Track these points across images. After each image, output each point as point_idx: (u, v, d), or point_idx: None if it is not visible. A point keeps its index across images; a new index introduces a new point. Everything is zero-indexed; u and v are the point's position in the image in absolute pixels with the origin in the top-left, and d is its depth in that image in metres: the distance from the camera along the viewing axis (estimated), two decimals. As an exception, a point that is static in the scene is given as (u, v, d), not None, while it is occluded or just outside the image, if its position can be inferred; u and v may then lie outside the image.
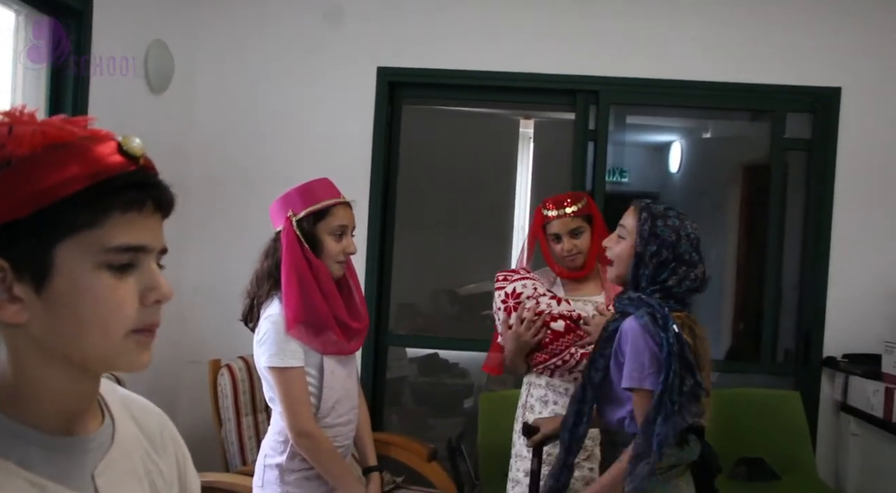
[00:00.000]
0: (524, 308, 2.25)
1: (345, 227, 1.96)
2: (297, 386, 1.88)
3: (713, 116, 4.71)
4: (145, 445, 0.87)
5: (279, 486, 1.94)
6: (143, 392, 3.30)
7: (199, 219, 3.40)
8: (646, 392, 1.75)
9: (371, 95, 3.41)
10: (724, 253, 4.82)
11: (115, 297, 0.74)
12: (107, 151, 0.74)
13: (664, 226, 1.83)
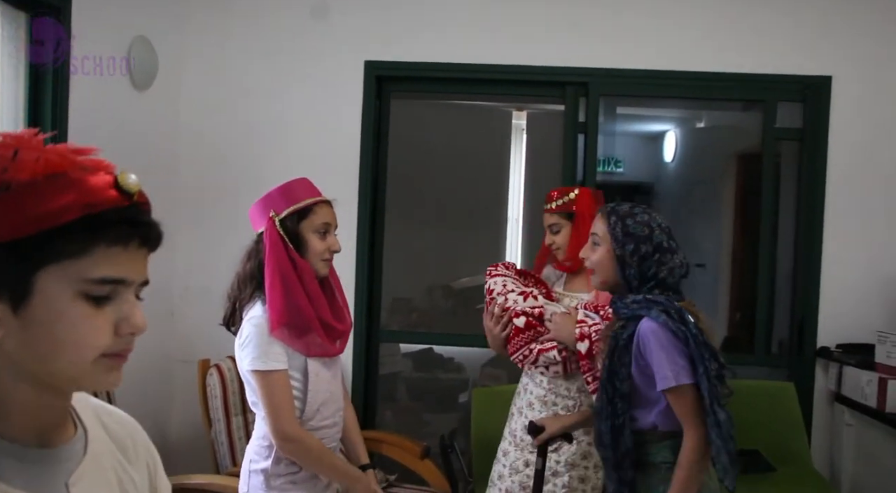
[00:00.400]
0: (494, 304, 2.36)
1: (328, 225, 1.95)
2: (280, 389, 1.86)
3: (707, 105, 4.68)
4: (117, 454, 0.89)
5: (265, 491, 1.92)
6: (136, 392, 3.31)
7: (188, 217, 3.38)
8: (685, 388, 1.75)
9: (359, 90, 3.38)
10: (719, 243, 4.80)
11: (90, 325, 0.76)
12: (103, 184, 0.77)
13: (634, 223, 1.87)
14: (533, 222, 4.21)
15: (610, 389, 1.85)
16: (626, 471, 1.85)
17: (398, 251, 3.80)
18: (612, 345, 1.86)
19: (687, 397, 1.77)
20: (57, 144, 0.79)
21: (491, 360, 4.03)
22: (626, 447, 1.84)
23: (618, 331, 1.86)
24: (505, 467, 2.44)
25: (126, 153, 2.93)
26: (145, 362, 3.19)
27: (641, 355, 1.80)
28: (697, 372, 1.76)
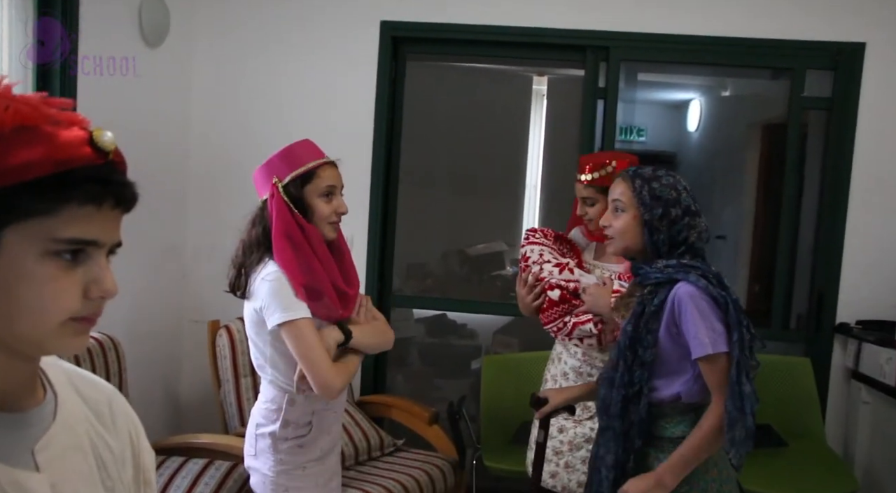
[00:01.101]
0: (529, 273, 2.31)
1: (333, 187, 1.90)
2: (312, 337, 1.80)
3: (733, 73, 4.55)
4: (92, 420, 0.86)
5: (272, 454, 1.91)
6: (147, 352, 3.34)
7: (199, 178, 3.37)
8: (720, 356, 1.70)
9: (374, 51, 3.32)
10: (741, 215, 4.71)
11: (57, 287, 0.73)
12: (76, 140, 0.73)
13: (661, 186, 1.80)
14: (552, 189, 4.15)
15: (630, 356, 1.80)
16: (632, 441, 1.81)
17: (414, 217, 3.77)
18: (639, 311, 1.80)
19: (721, 366, 1.71)
20: (28, 94, 0.74)
21: (503, 327, 4.01)
22: (637, 417, 1.80)
23: (646, 296, 1.80)
24: (563, 443, 2.39)
25: (137, 112, 2.94)
26: (158, 321, 3.21)
27: (675, 322, 1.75)
28: (732, 339, 1.71)
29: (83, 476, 0.81)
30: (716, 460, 1.82)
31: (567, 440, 2.36)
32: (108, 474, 0.85)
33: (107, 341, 2.55)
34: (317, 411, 1.93)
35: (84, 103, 2.57)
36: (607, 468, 1.84)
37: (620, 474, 1.81)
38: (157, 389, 3.22)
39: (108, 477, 0.85)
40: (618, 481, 1.82)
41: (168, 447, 2.68)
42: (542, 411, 2.11)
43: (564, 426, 2.37)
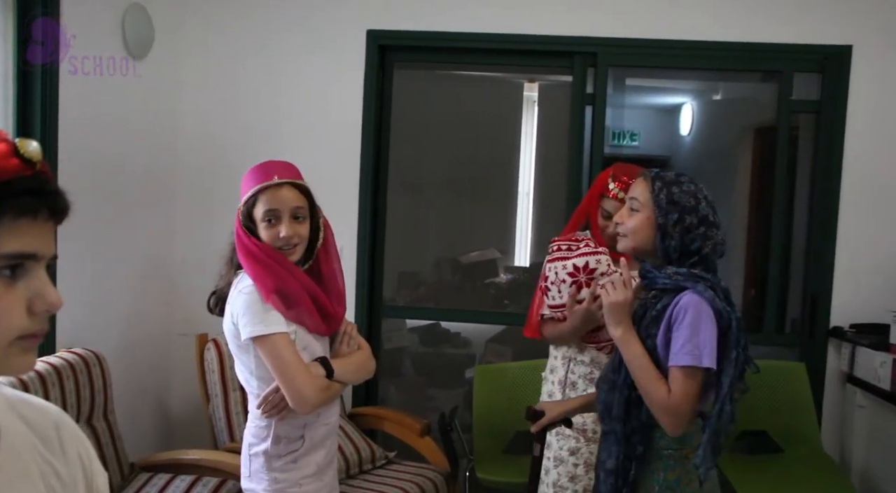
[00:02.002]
0: (597, 285, 2.08)
1: (272, 211, 1.84)
2: (287, 351, 1.79)
3: (724, 77, 4.54)
4: (38, 446, 0.83)
5: (266, 474, 1.88)
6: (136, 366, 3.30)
7: (186, 189, 3.34)
8: (697, 370, 1.67)
9: (361, 60, 3.30)
10: (734, 218, 4.69)
11: (2, 305, 0.71)
12: (1, 152, 0.71)
13: (681, 192, 1.76)
14: (544, 196, 4.13)
15: None
16: (634, 446, 1.78)
17: (406, 225, 3.75)
18: (640, 314, 1.79)
19: (692, 381, 1.68)
20: None
21: (496, 335, 3.98)
22: (639, 422, 1.77)
23: (649, 301, 1.78)
24: (577, 466, 2.34)
25: (123, 124, 2.91)
26: (146, 335, 3.18)
27: (671, 328, 1.72)
28: (728, 357, 1.68)
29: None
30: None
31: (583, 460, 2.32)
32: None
33: (91, 357, 2.52)
34: (308, 424, 1.90)
35: (68, 118, 2.55)
36: (606, 473, 1.81)
37: (622, 481, 1.79)
38: (144, 403, 3.18)
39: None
40: (618, 487, 1.79)
41: (156, 463, 2.65)
42: (539, 423, 2.07)
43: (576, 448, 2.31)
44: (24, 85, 2.45)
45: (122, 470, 2.56)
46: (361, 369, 2.00)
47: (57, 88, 2.50)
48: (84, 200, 2.84)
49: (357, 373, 2.00)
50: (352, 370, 1.96)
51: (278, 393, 1.82)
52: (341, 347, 1.97)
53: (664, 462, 1.78)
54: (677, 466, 1.77)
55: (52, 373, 2.32)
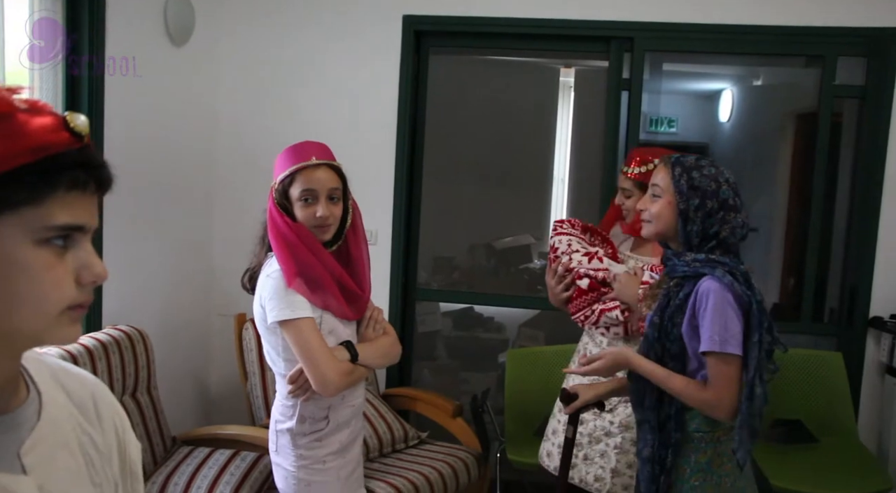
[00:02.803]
0: (559, 263, 2.34)
1: (309, 191, 1.88)
2: (312, 334, 1.84)
3: (765, 61, 4.45)
4: (77, 416, 0.84)
5: (292, 450, 1.95)
6: (178, 344, 3.41)
7: (226, 172, 3.42)
8: (727, 356, 1.69)
9: (397, 45, 3.33)
10: (773, 207, 4.62)
11: (53, 275, 0.72)
12: (52, 125, 0.72)
13: (701, 176, 1.78)
14: (580, 182, 4.12)
15: (658, 348, 1.80)
16: (669, 434, 1.80)
17: (441, 210, 3.77)
18: (664, 303, 1.80)
19: (726, 367, 1.70)
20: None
21: (530, 320, 4.00)
22: (673, 409, 1.79)
23: (672, 289, 1.80)
24: (560, 423, 2.44)
25: (164, 110, 2.99)
26: (187, 315, 3.27)
27: (695, 316, 1.74)
28: (751, 340, 1.70)
29: (71, 475, 0.79)
30: (731, 455, 1.81)
31: (587, 432, 2.36)
32: (95, 470, 0.83)
33: (135, 334, 2.61)
34: (333, 405, 1.94)
35: (112, 103, 2.63)
36: (643, 461, 1.84)
37: (659, 468, 1.81)
38: (186, 381, 3.28)
39: (95, 473, 0.83)
40: (655, 474, 1.81)
41: (196, 437, 2.74)
42: (573, 406, 2.10)
43: (584, 419, 2.37)
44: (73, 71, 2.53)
45: (164, 443, 2.65)
46: (386, 355, 2.04)
47: (103, 75, 2.57)
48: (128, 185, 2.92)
49: (382, 358, 2.04)
50: (377, 355, 1.99)
51: (303, 375, 1.87)
52: (367, 331, 2.00)
53: (695, 445, 1.80)
54: (709, 448, 1.79)
55: (99, 348, 2.41)
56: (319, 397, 1.90)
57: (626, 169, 2.36)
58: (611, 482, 2.35)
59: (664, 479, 1.81)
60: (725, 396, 1.71)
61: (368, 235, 3.34)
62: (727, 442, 1.81)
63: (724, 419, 1.75)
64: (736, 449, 1.73)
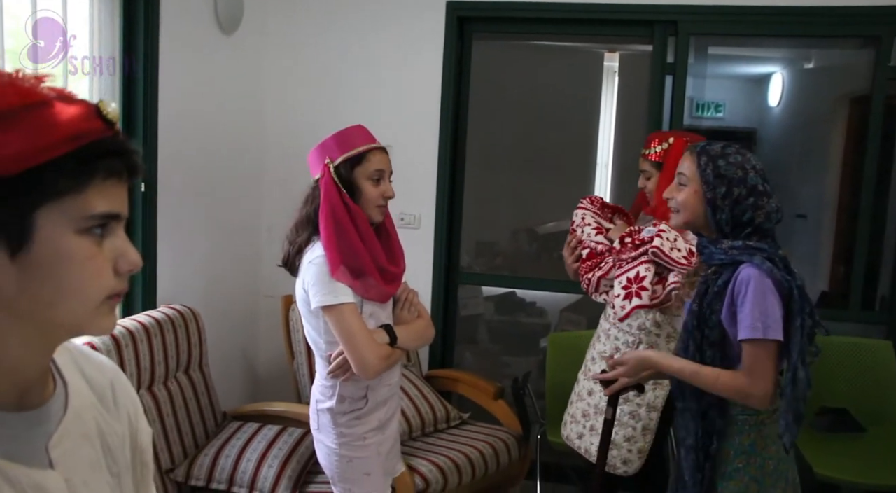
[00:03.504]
0: (571, 236, 2.55)
1: (381, 171, 1.96)
2: (354, 319, 1.90)
3: (816, 43, 4.34)
4: (98, 406, 0.84)
5: (333, 428, 2.02)
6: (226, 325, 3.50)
7: (273, 158, 3.50)
8: (767, 343, 1.70)
9: (440, 31, 3.35)
10: (823, 192, 4.52)
11: (95, 264, 0.72)
12: (85, 113, 0.71)
13: (727, 164, 1.77)
14: (623, 167, 4.09)
15: (698, 336, 1.81)
16: (712, 421, 1.81)
17: (484, 195, 3.80)
18: (702, 290, 1.80)
19: (765, 354, 1.71)
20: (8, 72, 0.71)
21: (571, 305, 4.01)
22: (716, 396, 1.80)
23: (710, 277, 1.80)
24: (590, 405, 2.50)
25: (214, 99, 3.07)
26: (235, 297, 3.37)
27: (734, 303, 1.74)
28: (793, 325, 1.70)
29: (91, 465, 0.79)
30: (774, 438, 1.81)
31: (594, 403, 2.45)
32: (113, 459, 0.83)
33: (188, 313, 2.71)
34: (371, 385, 2.00)
35: (165, 91, 2.72)
36: (686, 450, 1.85)
37: (703, 456, 1.82)
38: (234, 359, 3.39)
39: (113, 463, 0.83)
40: (700, 462, 1.83)
41: (245, 413, 2.84)
42: (612, 388, 2.12)
43: (594, 390, 2.44)
44: (127, 60, 2.63)
45: (215, 418, 2.75)
46: (421, 337, 2.10)
47: (157, 62, 2.66)
48: (181, 171, 3.02)
49: (417, 341, 2.10)
50: (412, 338, 2.05)
51: (343, 356, 1.93)
52: (402, 313, 2.06)
53: (739, 427, 1.81)
54: (752, 431, 1.80)
55: (155, 326, 2.52)
56: (358, 377, 1.96)
57: (645, 151, 2.49)
58: (638, 461, 2.39)
59: (708, 466, 1.82)
60: (761, 383, 1.72)
61: (412, 219, 3.44)
62: (771, 425, 1.81)
63: (760, 406, 1.75)
64: (782, 434, 1.73)
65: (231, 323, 3.33)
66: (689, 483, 1.86)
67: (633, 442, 2.42)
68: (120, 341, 2.34)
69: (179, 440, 2.56)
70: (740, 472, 1.80)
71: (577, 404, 2.55)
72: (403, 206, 3.26)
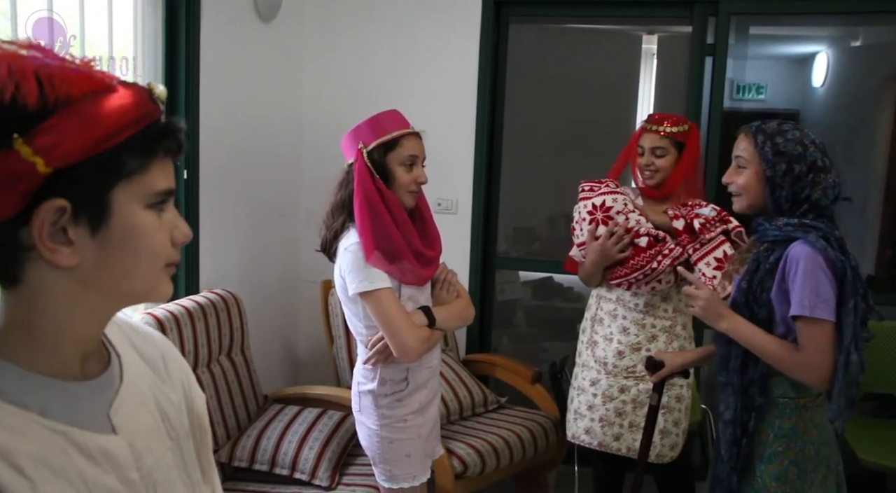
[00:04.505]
0: (615, 224, 2.33)
1: (415, 157, 1.96)
2: (391, 304, 1.91)
3: (863, 20, 4.22)
4: (150, 374, 0.89)
5: (374, 410, 2.05)
6: (266, 309, 3.56)
7: (311, 144, 3.54)
8: (818, 321, 1.68)
9: (477, 15, 3.34)
10: (870, 174, 4.42)
11: (160, 236, 0.79)
12: (144, 97, 0.76)
13: (785, 141, 1.75)
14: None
15: (746, 313, 1.79)
16: (753, 397, 1.80)
17: (521, 181, 3.79)
18: (753, 267, 1.79)
19: (818, 331, 1.68)
20: (67, 59, 0.75)
21: (609, 291, 3.98)
22: (758, 373, 1.79)
23: (762, 253, 1.78)
24: (596, 396, 2.46)
25: (253, 86, 3.11)
26: (275, 281, 3.43)
27: (785, 280, 1.72)
28: (846, 306, 1.67)
29: (152, 432, 0.84)
30: (816, 422, 1.79)
31: (629, 399, 2.39)
32: (171, 425, 0.88)
33: (229, 298, 2.77)
34: (411, 368, 2.03)
35: (206, 79, 2.76)
36: (724, 423, 1.85)
37: (741, 431, 1.81)
38: (275, 343, 3.45)
39: (171, 428, 0.87)
40: (737, 437, 1.82)
41: (285, 396, 2.89)
42: (658, 374, 2.11)
43: (626, 385, 2.39)
44: (170, 48, 2.68)
45: (257, 400, 2.81)
46: (461, 317, 2.11)
47: (198, 50, 2.71)
48: (221, 157, 3.07)
49: (457, 321, 2.11)
50: (452, 318, 2.06)
51: (383, 341, 1.95)
52: (441, 293, 2.07)
53: (780, 410, 1.79)
54: (794, 414, 1.79)
55: (198, 310, 2.58)
56: (398, 360, 1.98)
57: (655, 128, 2.40)
58: (660, 443, 2.37)
59: (745, 442, 1.81)
60: (817, 360, 1.69)
61: (449, 204, 3.45)
62: (813, 410, 1.79)
63: (818, 384, 1.73)
64: (834, 418, 1.71)
65: (271, 307, 3.39)
66: (724, 457, 1.85)
67: (679, 425, 2.41)
68: (165, 324, 2.40)
69: (223, 421, 2.62)
70: (780, 455, 1.79)
71: (608, 406, 2.42)
72: (440, 191, 3.27)
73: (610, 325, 2.44)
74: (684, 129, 2.39)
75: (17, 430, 0.70)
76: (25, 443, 0.70)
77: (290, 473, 2.52)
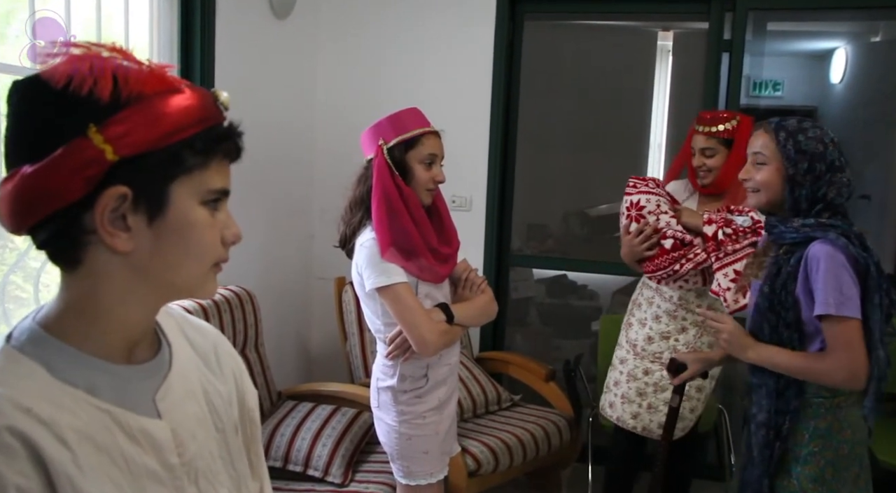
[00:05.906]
0: (645, 223, 2.39)
1: (434, 155, 1.97)
2: (409, 298, 1.92)
3: (885, 15, 4.17)
4: (201, 366, 0.92)
5: (394, 406, 2.05)
6: (280, 306, 3.59)
7: (324, 141, 3.54)
8: (845, 319, 1.66)
9: (492, 12, 3.33)
10: (889, 171, 4.36)
11: (212, 233, 0.82)
12: (209, 99, 0.82)
13: (807, 139, 1.73)
14: (677, 148, 4.01)
15: (773, 317, 1.77)
16: (788, 400, 1.78)
17: (536, 178, 3.78)
18: (774, 271, 1.77)
19: (846, 330, 1.66)
20: (143, 63, 0.80)
21: (623, 287, 3.96)
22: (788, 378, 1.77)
23: (781, 257, 1.76)
24: (622, 373, 2.55)
25: (267, 83, 3.12)
26: (289, 278, 3.44)
27: (808, 280, 1.70)
28: (871, 303, 1.66)
29: (198, 421, 0.87)
30: (850, 421, 1.77)
31: (651, 381, 2.42)
32: (218, 416, 0.90)
33: (244, 294, 2.78)
34: (431, 364, 2.03)
35: (221, 74, 2.77)
36: (757, 426, 1.83)
37: (774, 434, 1.79)
38: (288, 340, 3.46)
39: (218, 420, 0.90)
40: (769, 440, 1.80)
41: (299, 393, 2.90)
42: (681, 378, 2.10)
43: (650, 369, 2.42)
44: (185, 45, 2.69)
45: (270, 397, 2.82)
46: (484, 313, 2.10)
47: (213, 47, 2.72)
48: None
49: (479, 317, 2.11)
50: (474, 314, 2.06)
51: (402, 336, 1.95)
52: (464, 292, 2.07)
53: (815, 410, 1.77)
54: (829, 414, 1.76)
55: (213, 307, 2.59)
56: (418, 356, 1.98)
57: (704, 129, 2.43)
58: (691, 423, 2.41)
59: (779, 445, 1.79)
60: (848, 360, 1.67)
61: (463, 201, 3.45)
62: (847, 408, 1.77)
63: (852, 384, 1.70)
64: (867, 415, 1.70)
65: (285, 304, 3.40)
66: (756, 460, 1.83)
67: (694, 412, 2.49)
68: (180, 321, 2.41)
69: (237, 417, 2.63)
70: (816, 456, 1.76)
71: (630, 384, 2.53)
72: (455, 188, 3.27)
73: (646, 311, 2.53)
74: (731, 126, 2.41)
75: (64, 405, 0.74)
76: (71, 418, 0.74)
77: (304, 469, 2.53)
